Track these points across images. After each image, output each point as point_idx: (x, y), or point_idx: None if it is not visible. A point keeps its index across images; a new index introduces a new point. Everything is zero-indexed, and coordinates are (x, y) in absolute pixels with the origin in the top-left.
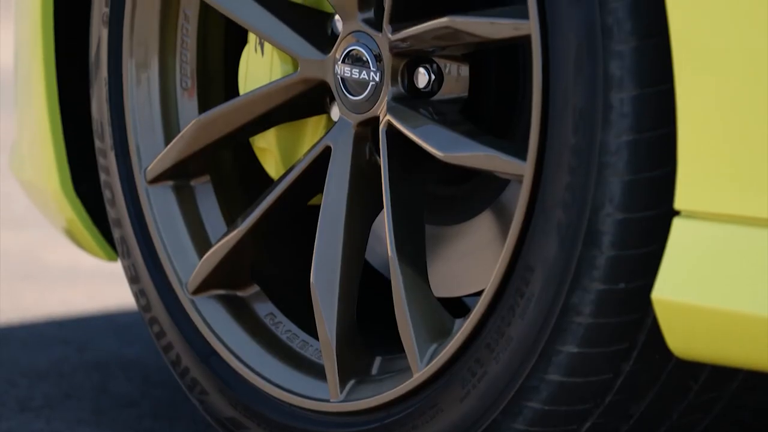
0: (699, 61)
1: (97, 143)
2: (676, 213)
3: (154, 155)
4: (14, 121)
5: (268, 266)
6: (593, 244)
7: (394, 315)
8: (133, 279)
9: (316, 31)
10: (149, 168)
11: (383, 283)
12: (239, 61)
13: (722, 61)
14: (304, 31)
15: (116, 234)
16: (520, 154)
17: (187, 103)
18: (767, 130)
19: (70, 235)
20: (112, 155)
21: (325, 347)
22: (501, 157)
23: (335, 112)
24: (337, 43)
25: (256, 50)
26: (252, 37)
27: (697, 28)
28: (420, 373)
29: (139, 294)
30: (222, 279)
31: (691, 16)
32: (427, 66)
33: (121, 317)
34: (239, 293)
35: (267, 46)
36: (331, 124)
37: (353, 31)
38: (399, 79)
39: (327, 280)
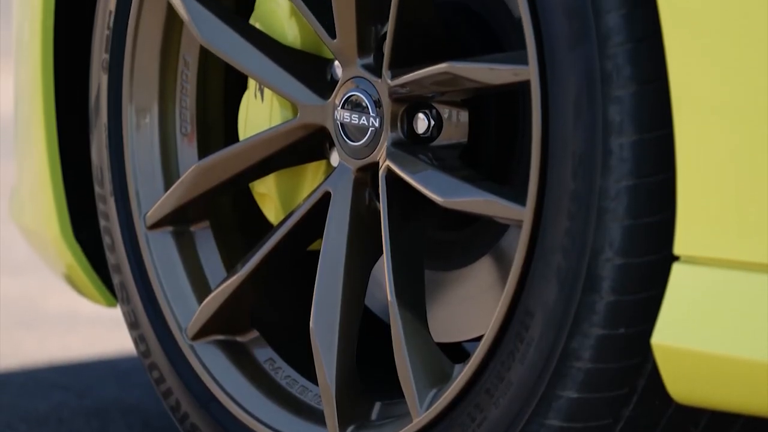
0: (698, 106)
1: (97, 189)
2: (676, 258)
3: (153, 201)
4: (14, 167)
5: (268, 311)
6: (593, 289)
7: (394, 360)
8: (133, 324)
9: (316, 76)
10: (149, 214)
11: (383, 328)
12: (239, 107)
13: (721, 107)
14: (303, 76)
15: (116, 280)
16: (520, 199)
17: (186, 148)
18: (767, 177)
19: (70, 280)
20: (111, 201)
21: (325, 392)
22: (500, 202)
23: (335, 158)
24: (336, 88)
25: (255, 96)
26: (252, 83)
27: (697, 74)
28: (420, 418)
29: (138, 339)
30: (221, 324)
31: (691, 62)
32: (427, 111)
33: (121, 363)
34: (239, 338)
35: (267, 91)
36: (330, 169)
37: (353, 77)
38: (398, 124)
39: (327, 326)
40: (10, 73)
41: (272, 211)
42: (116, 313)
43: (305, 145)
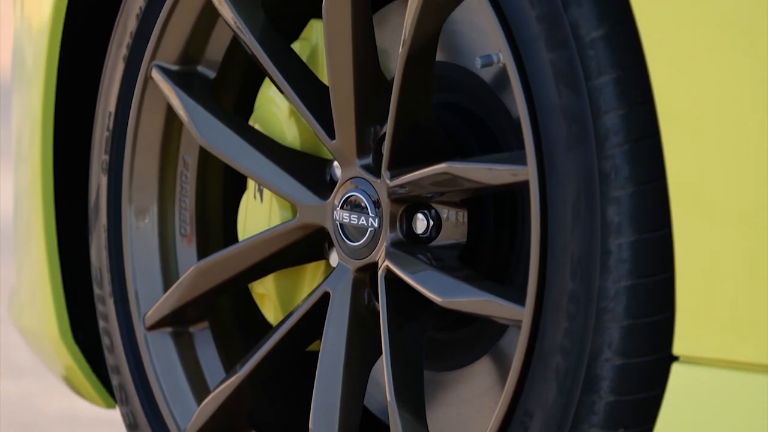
0: (697, 206)
1: (96, 290)
2: (675, 358)
3: (152, 302)
4: (14, 268)
5: (267, 412)
6: (592, 389)
7: None
8: (132, 426)
9: (315, 177)
10: (148, 315)
11: (382, 429)
12: (238, 208)
13: (720, 207)
14: (302, 177)
15: (115, 381)
16: (519, 299)
17: (186, 249)
18: (766, 277)
19: (69, 382)
20: (110, 302)
21: None
22: (499, 303)
23: (334, 258)
24: (335, 189)
25: (255, 196)
26: (251, 184)
27: (696, 174)
28: None
29: None
30: (220, 425)
31: (690, 162)
32: (426, 212)
33: None
34: None
35: (266, 192)
36: (329, 269)
37: (352, 177)
38: (397, 224)
39: (326, 426)
40: (11, 173)
41: (271, 312)
42: (115, 414)
43: (304, 246)
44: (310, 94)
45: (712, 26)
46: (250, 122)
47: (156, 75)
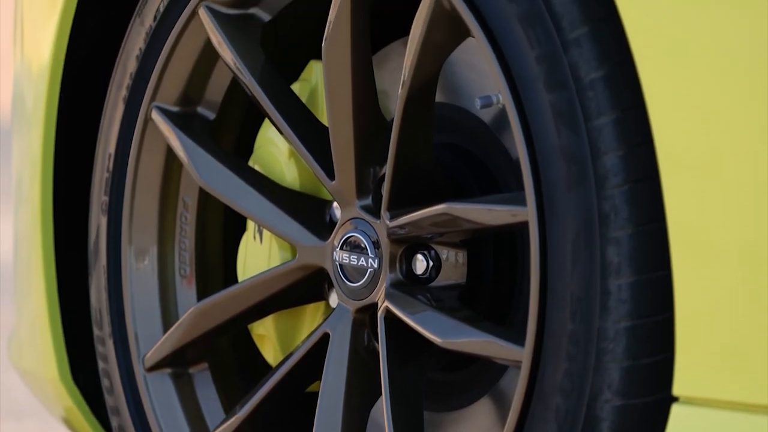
0: (697, 247)
1: (96, 331)
2: (675, 399)
3: (152, 343)
4: (13, 309)
5: None
6: (592, 430)
7: None
8: None
9: (315, 218)
10: (147, 356)
11: None
12: (238, 249)
13: (720, 250)
14: (302, 218)
15: (114, 422)
16: (518, 340)
17: (185, 290)
18: (765, 318)
19: (69, 424)
20: (110, 343)
21: None
22: (499, 343)
23: (333, 299)
24: (335, 230)
25: (254, 237)
26: (251, 225)
27: (696, 214)
28: None
29: None
30: None
31: (689, 202)
32: (425, 252)
33: None
34: None
35: (266, 233)
36: (329, 310)
37: (351, 218)
38: (397, 265)
39: None
40: (10, 215)
41: (271, 353)
42: None
43: (304, 287)
44: (310, 134)
45: (712, 68)
46: (250, 163)
47: (156, 116)
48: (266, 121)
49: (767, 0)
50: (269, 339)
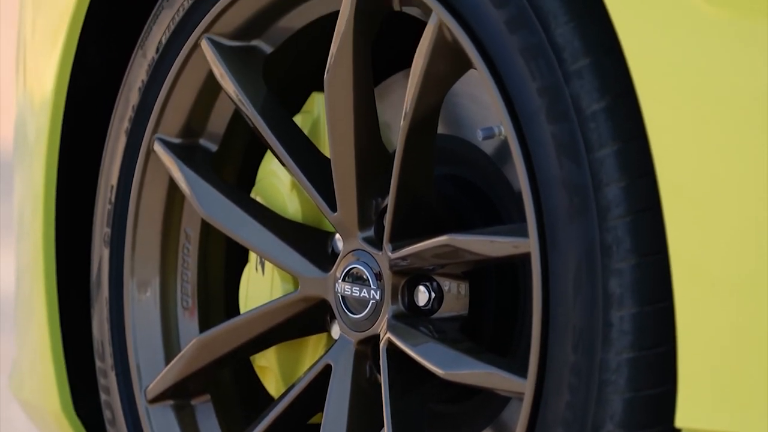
0: (699, 278)
1: (98, 363)
2: (677, 431)
3: (154, 375)
4: (15, 340)
5: None
6: None
7: None
8: None
9: (317, 249)
10: (150, 387)
11: None
12: (240, 280)
13: (722, 281)
14: (304, 249)
15: None
16: (521, 371)
17: (187, 322)
18: (767, 351)
19: None
20: (112, 375)
21: None
22: (501, 375)
23: (335, 330)
24: (337, 261)
25: (256, 269)
26: (253, 256)
27: (698, 246)
28: None
29: None
30: None
31: (691, 234)
32: (427, 284)
33: None
34: None
35: (268, 264)
36: (331, 342)
37: (353, 250)
38: (399, 297)
39: None
40: (10, 248)
41: (273, 384)
42: None
43: (306, 318)
44: (312, 166)
45: (714, 100)
46: (252, 195)
47: (158, 148)
48: (268, 153)
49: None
50: (271, 371)
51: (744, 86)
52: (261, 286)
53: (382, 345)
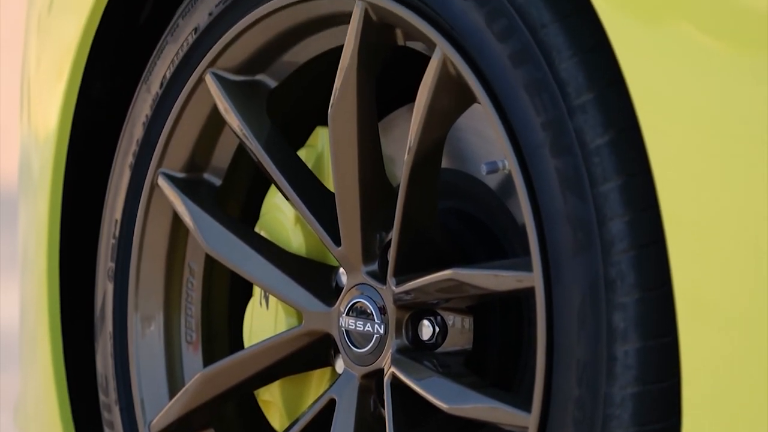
0: (703, 313)
1: (102, 398)
2: None
3: (158, 409)
4: (19, 376)
5: None
6: None
7: None
8: None
9: (321, 283)
10: (154, 422)
11: None
12: (244, 314)
13: (726, 316)
14: (308, 284)
15: None
16: (525, 406)
17: (191, 356)
18: None
19: None
20: (116, 409)
21: None
22: (505, 409)
23: (340, 365)
24: (341, 295)
25: (261, 303)
26: (257, 290)
27: (702, 281)
28: None
29: None
30: None
31: (696, 268)
32: (431, 318)
33: None
34: None
35: (272, 299)
36: (335, 376)
37: (357, 284)
38: (403, 331)
39: None
40: (8, 287)
41: (277, 419)
42: None
43: (310, 352)
44: (316, 200)
45: (718, 134)
46: (256, 229)
47: (162, 182)
48: (272, 188)
49: None
50: (275, 405)
51: (748, 121)
52: (265, 320)
53: (386, 379)
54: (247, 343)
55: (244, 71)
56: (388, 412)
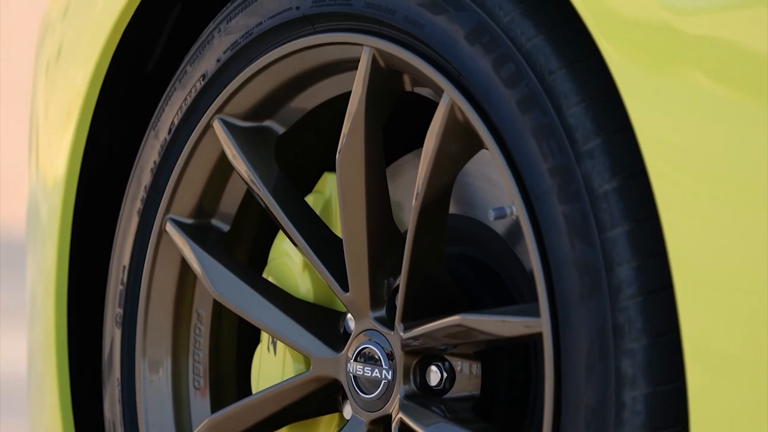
0: (711, 359)
1: None
2: None
3: None
4: (27, 423)
5: None
6: None
7: None
8: None
9: (329, 329)
10: None
11: None
12: (252, 360)
13: (736, 361)
14: (316, 329)
15: None
16: None
17: (199, 402)
18: None
19: None
20: None
21: None
22: None
23: (347, 411)
24: (349, 341)
25: (268, 349)
26: (264, 336)
27: (711, 326)
28: None
29: None
30: None
31: (704, 314)
32: (439, 364)
33: None
34: None
35: (279, 344)
36: (343, 422)
37: (365, 330)
38: (411, 377)
39: None
40: (8, 331)
41: None
42: None
43: (318, 398)
44: (324, 246)
45: (725, 180)
46: (264, 275)
47: (170, 228)
48: (280, 233)
49: None
50: None
51: (757, 169)
52: (273, 366)
53: (394, 425)
54: (255, 388)
55: (251, 117)
56: None
